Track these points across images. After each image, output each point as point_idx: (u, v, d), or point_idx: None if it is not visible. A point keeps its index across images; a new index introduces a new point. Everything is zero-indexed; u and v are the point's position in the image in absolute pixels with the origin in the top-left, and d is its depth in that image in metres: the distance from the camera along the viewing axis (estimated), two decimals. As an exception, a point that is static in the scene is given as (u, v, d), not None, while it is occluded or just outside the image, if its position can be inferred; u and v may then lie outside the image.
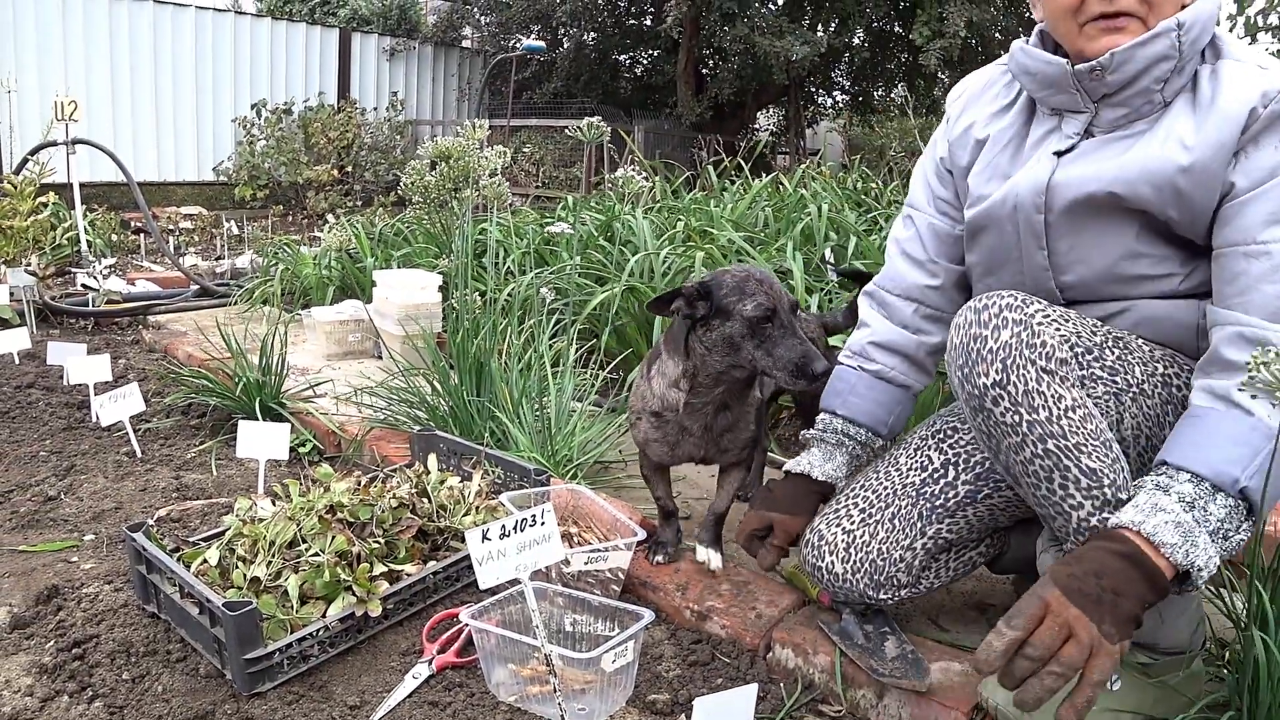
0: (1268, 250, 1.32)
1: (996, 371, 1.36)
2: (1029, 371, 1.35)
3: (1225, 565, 1.35)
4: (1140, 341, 1.47)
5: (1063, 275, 1.53)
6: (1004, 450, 1.41)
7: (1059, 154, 1.51)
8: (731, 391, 1.85)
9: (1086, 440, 1.34)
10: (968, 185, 1.67)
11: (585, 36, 13.17)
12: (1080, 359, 1.39)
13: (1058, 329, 1.38)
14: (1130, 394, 1.41)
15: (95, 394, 2.91)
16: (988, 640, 1.21)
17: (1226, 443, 1.27)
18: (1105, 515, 1.34)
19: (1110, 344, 1.42)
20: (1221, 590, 1.42)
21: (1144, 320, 1.48)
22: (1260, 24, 4.68)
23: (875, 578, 1.64)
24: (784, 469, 1.83)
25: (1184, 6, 1.41)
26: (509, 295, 3.38)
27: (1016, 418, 1.36)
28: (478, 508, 2.05)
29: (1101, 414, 1.39)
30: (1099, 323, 1.47)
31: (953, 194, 1.75)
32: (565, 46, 13.09)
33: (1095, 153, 1.47)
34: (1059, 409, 1.34)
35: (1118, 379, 1.40)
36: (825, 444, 1.81)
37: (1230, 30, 4.67)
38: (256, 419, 2.80)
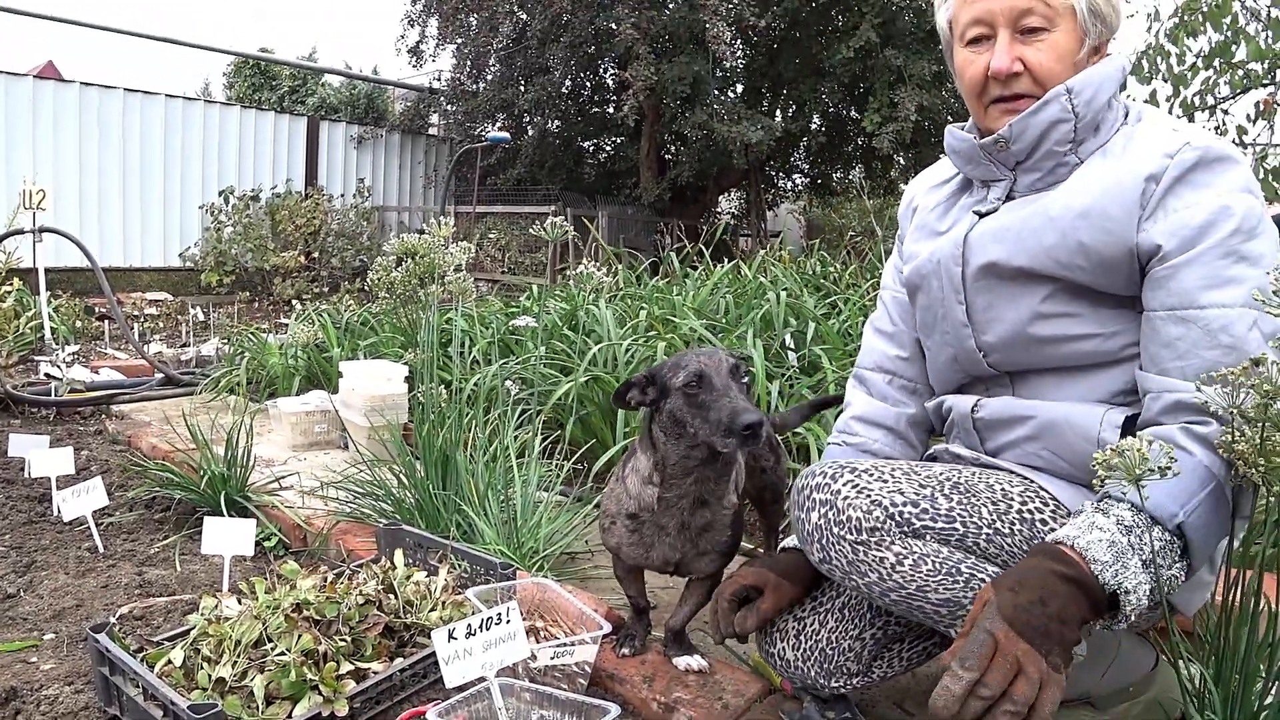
0: (1205, 315, 1.35)
1: (818, 551, 1.46)
2: (843, 547, 1.42)
3: (1183, 635, 1.38)
4: (995, 480, 1.49)
5: (982, 335, 1.60)
6: (865, 597, 1.50)
7: (980, 214, 1.61)
8: (704, 483, 1.82)
9: (926, 581, 1.39)
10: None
11: (549, 124, 13.46)
12: (899, 516, 1.40)
13: (869, 497, 1.41)
14: (984, 535, 1.42)
15: (58, 488, 2.90)
16: (944, 684, 1.19)
17: (1168, 480, 1.28)
18: None
19: (944, 492, 1.44)
20: (1179, 661, 1.45)
21: (1045, 429, 1.51)
22: (1197, 104, 4.88)
23: (825, 666, 1.68)
24: (780, 547, 1.83)
25: (1076, 67, 1.52)
26: (475, 385, 3.43)
27: (852, 583, 1.44)
28: (444, 603, 2.06)
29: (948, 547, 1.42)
30: (945, 469, 1.50)
31: None
32: (530, 134, 13.35)
33: (1010, 210, 1.57)
34: (884, 569, 1.40)
35: (955, 525, 1.41)
36: None
37: (1169, 111, 4.88)
38: (222, 513, 2.80)
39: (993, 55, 1.53)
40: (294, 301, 6.30)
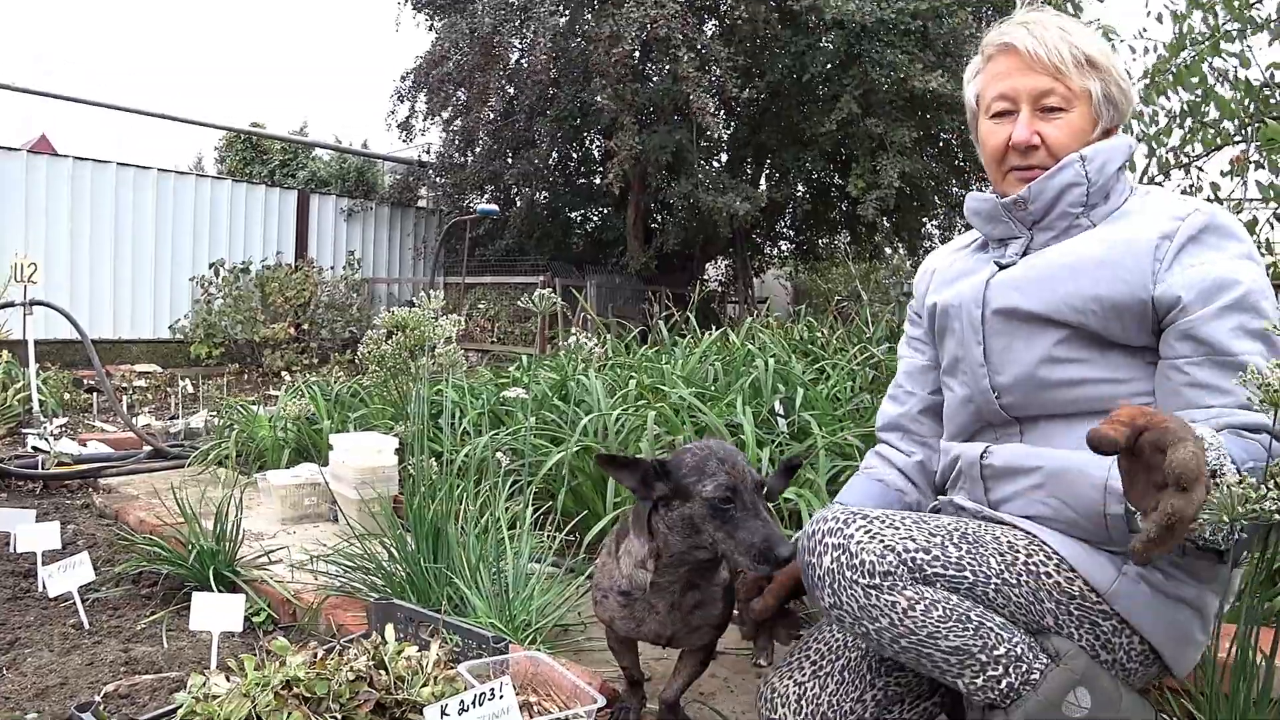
0: (1238, 361, 1.43)
1: (829, 596, 1.47)
2: (855, 591, 1.43)
3: (1182, 691, 1.38)
4: (1000, 533, 1.54)
5: (998, 375, 1.67)
6: (873, 645, 1.50)
7: (1000, 265, 1.73)
8: (699, 571, 1.82)
9: (938, 626, 1.41)
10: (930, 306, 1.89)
11: (537, 195, 13.62)
12: (911, 562, 1.43)
13: (881, 542, 1.45)
14: (992, 585, 1.47)
15: (43, 563, 2.88)
16: (1189, 455, 1.11)
17: (1231, 440, 1.34)
18: (992, 675, 1.41)
19: (954, 541, 1.48)
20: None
21: (1053, 476, 1.55)
22: (1172, 162, 5.00)
23: None
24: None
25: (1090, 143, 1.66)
26: (465, 457, 3.43)
27: (863, 629, 1.45)
28: (436, 678, 2.04)
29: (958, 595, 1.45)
30: (951, 521, 1.55)
31: (921, 331, 1.97)
32: (518, 205, 13.51)
33: (1029, 261, 1.68)
34: (896, 614, 1.42)
35: (965, 573, 1.45)
36: None
37: (1145, 169, 4.99)
38: (210, 588, 2.77)
39: (1015, 128, 1.67)
40: (284, 373, 6.31)
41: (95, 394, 7.14)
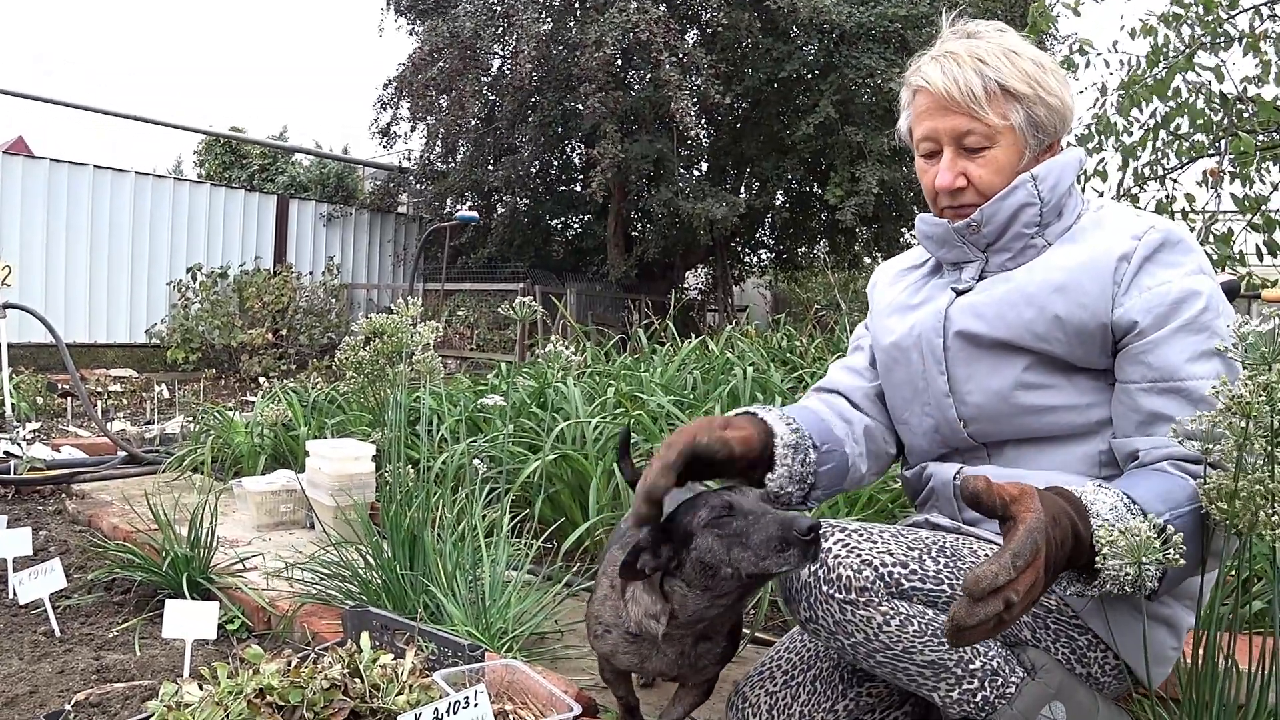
0: (1187, 386, 1.44)
1: (804, 610, 1.47)
2: (831, 605, 1.43)
3: (1158, 700, 1.39)
4: (978, 547, 1.54)
5: (962, 404, 1.65)
6: (848, 659, 1.50)
7: (957, 291, 1.69)
8: (713, 625, 1.64)
9: (914, 641, 1.41)
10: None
11: (518, 203, 13.62)
12: (888, 577, 1.42)
13: (859, 556, 1.43)
14: None
15: (14, 570, 2.85)
16: (991, 567, 1.14)
17: (1155, 487, 1.35)
18: (968, 688, 1.42)
19: (932, 555, 1.47)
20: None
21: None
22: (1147, 174, 5.05)
23: None
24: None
25: (1018, 174, 1.62)
26: (443, 464, 3.42)
27: (838, 644, 1.46)
28: (411, 686, 2.03)
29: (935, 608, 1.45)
30: (930, 534, 1.53)
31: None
32: (499, 212, 13.50)
33: (987, 286, 1.65)
34: (871, 629, 1.42)
35: (943, 587, 1.44)
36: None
37: (1120, 182, 5.04)
38: (184, 595, 2.75)
39: (939, 172, 1.64)
40: (261, 379, 6.27)
41: (69, 398, 7.08)
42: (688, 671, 1.77)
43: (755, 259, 16.09)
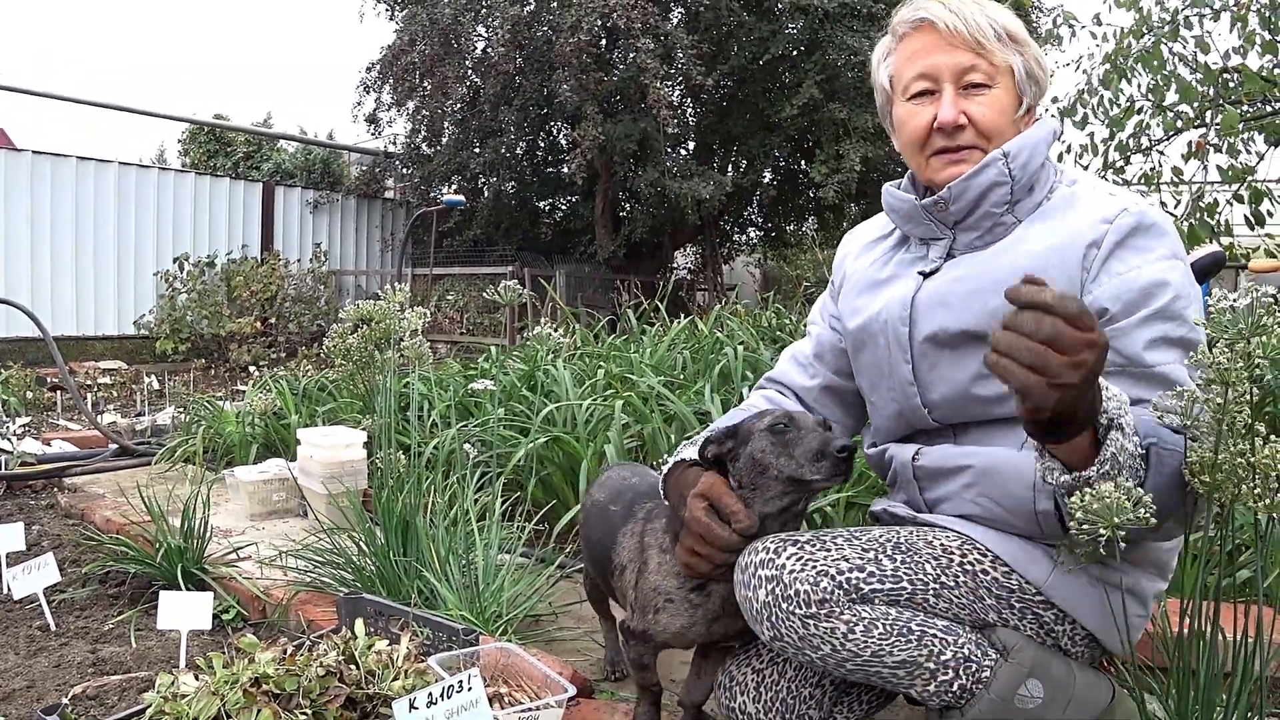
0: (1153, 373, 1.42)
1: (768, 629, 1.46)
2: (793, 622, 1.43)
3: (1142, 666, 1.40)
4: (933, 537, 1.53)
5: (928, 393, 1.64)
6: (819, 670, 1.51)
7: (924, 274, 1.67)
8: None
9: (881, 644, 1.42)
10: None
11: (504, 185, 13.58)
12: (846, 584, 1.43)
13: (814, 568, 1.44)
14: (931, 590, 1.46)
15: (7, 565, 2.85)
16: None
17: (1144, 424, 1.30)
18: (943, 680, 1.43)
19: (888, 553, 1.47)
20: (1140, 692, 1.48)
21: (983, 475, 1.54)
22: (1132, 146, 5.05)
23: (786, 716, 1.68)
24: (672, 463, 1.78)
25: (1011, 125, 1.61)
26: (434, 449, 3.42)
27: (806, 658, 1.46)
28: (406, 671, 2.04)
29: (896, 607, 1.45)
30: (883, 531, 1.54)
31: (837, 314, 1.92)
32: (485, 195, 13.44)
33: (954, 270, 1.63)
34: (836, 640, 1.42)
35: (902, 584, 1.45)
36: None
37: (1105, 154, 5.04)
38: (178, 586, 2.76)
39: (939, 108, 1.60)
40: (251, 368, 6.27)
41: (59, 392, 7.06)
42: (737, 624, 1.72)
43: (744, 237, 16.06)
